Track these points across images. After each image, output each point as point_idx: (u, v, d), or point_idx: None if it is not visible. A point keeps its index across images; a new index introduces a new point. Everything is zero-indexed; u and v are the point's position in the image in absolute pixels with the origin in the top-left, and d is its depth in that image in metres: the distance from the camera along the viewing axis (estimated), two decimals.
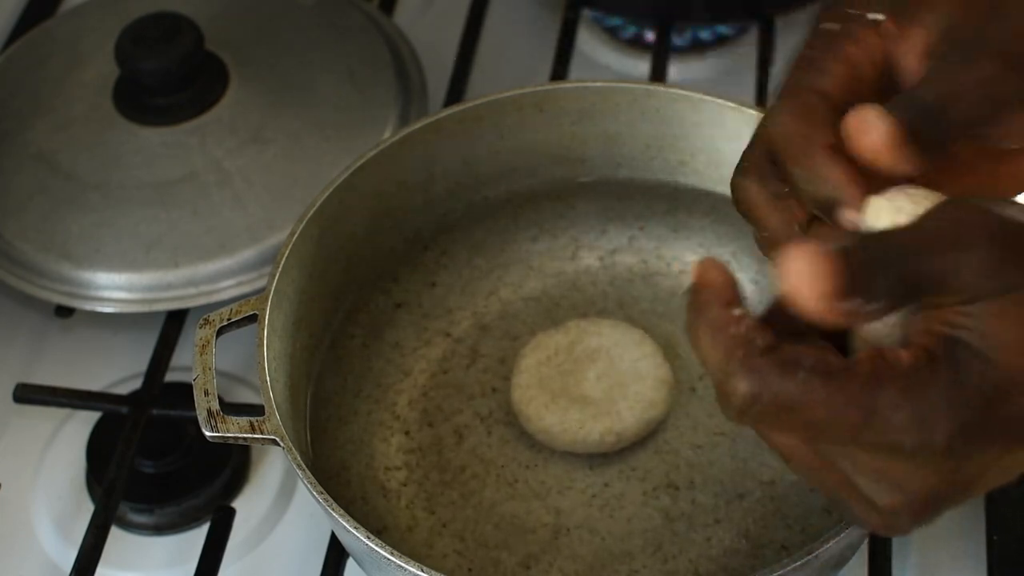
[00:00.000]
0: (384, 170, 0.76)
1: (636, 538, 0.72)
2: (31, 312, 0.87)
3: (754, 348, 0.48)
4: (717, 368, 0.49)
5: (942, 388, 0.48)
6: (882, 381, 0.48)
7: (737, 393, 0.48)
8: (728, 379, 0.48)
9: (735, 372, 0.48)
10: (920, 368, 0.48)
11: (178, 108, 0.86)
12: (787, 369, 0.48)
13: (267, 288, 0.69)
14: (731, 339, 0.49)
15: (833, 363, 0.48)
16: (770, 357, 0.48)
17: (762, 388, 0.48)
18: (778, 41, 0.96)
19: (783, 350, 0.48)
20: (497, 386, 0.78)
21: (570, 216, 0.82)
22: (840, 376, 0.48)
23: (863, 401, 0.48)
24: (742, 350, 0.48)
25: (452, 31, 0.96)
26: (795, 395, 0.48)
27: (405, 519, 0.73)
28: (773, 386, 0.48)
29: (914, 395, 0.48)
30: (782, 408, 0.48)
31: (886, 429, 0.48)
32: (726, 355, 0.48)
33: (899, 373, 0.48)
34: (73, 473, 0.81)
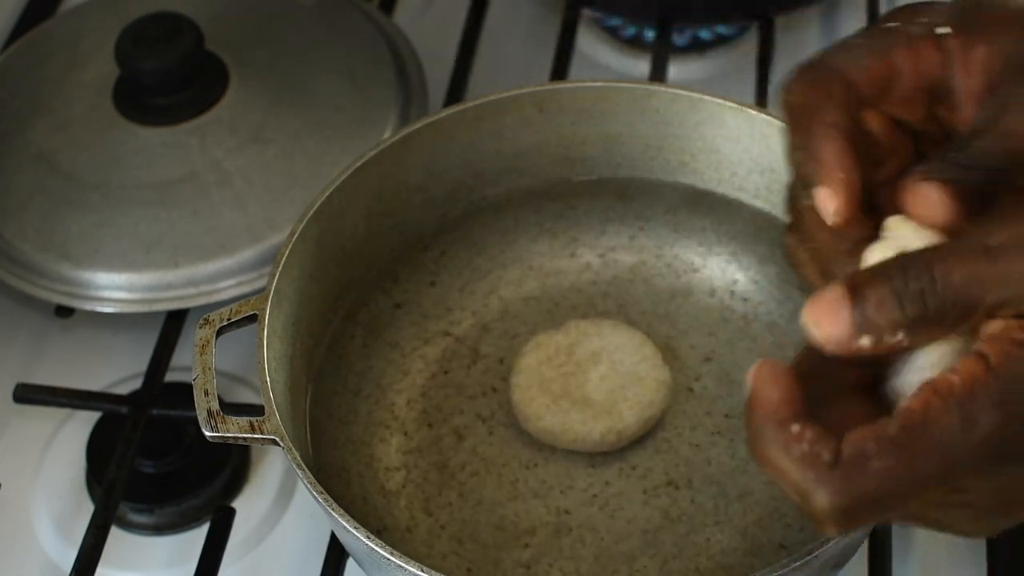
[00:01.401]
0: (384, 170, 0.76)
1: (636, 538, 0.72)
2: (31, 312, 0.87)
3: (821, 464, 0.48)
4: (795, 492, 0.49)
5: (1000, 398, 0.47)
6: (940, 419, 0.47)
7: (824, 510, 0.48)
8: (810, 500, 0.48)
9: (814, 492, 0.48)
10: (975, 385, 0.47)
11: (178, 108, 0.86)
12: (859, 468, 0.48)
13: (267, 288, 0.69)
14: (797, 461, 0.48)
15: (891, 432, 0.48)
16: (839, 468, 0.48)
17: (844, 498, 0.48)
18: (778, 41, 0.96)
19: (846, 452, 0.48)
20: (497, 386, 0.78)
21: (570, 216, 0.82)
22: (903, 441, 0.48)
23: (935, 449, 0.47)
24: (811, 470, 0.48)
25: (452, 31, 0.96)
26: (875, 486, 0.48)
27: (405, 519, 0.73)
28: (854, 491, 0.48)
29: (975, 415, 0.47)
30: (871, 503, 0.48)
31: (966, 458, 0.47)
32: (800, 479, 0.48)
33: (952, 402, 0.47)
34: (73, 473, 0.81)
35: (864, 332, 0.48)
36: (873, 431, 0.48)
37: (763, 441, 0.49)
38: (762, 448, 0.49)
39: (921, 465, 0.47)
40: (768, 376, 0.50)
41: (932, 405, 0.47)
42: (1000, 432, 0.47)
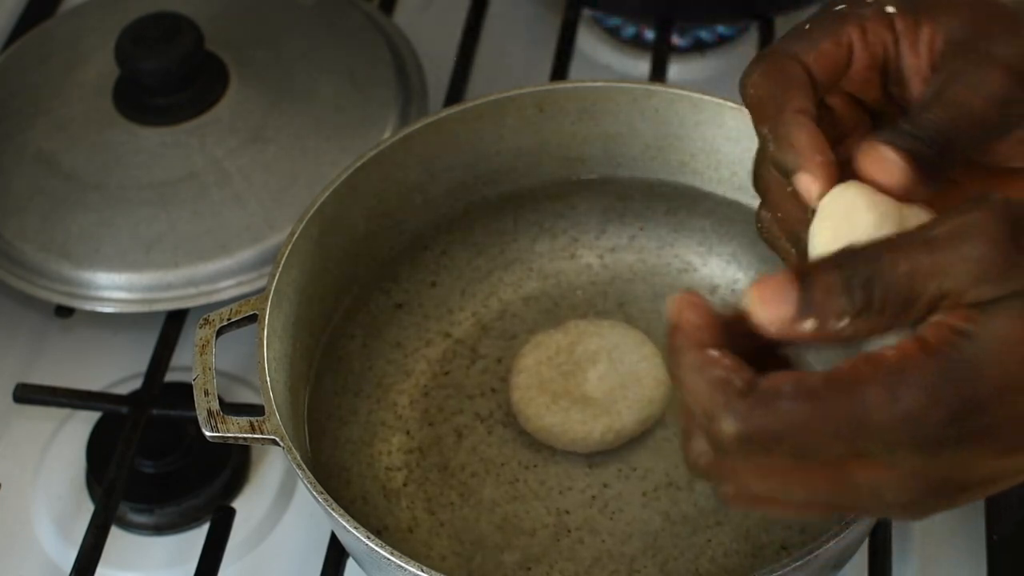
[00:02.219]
0: (384, 170, 0.76)
1: (636, 539, 0.72)
2: (31, 312, 0.87)
3: (733, 390, 0.48)
4: (701, 412, 0.49)
5: (929, 381, 0.47)
6: (866, 384, 0.47)
7: (725, 435, 0.48)
8: (713, 423, 0.48)
9: (719, 415, 0.48)
10: (906, 361, 0.47)
11: (178, 108, 0.86)
12: (769, 402, 0.48)
13: (267, 288, 0.69)
14: (710, 384, 0.49)
15: (812, 382, 0.48)
16: (750, 397, 0.48)
17: (747, 426, 0.48)
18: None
19: (761, 385, 0.48)
20: (496, 386, 0.78)
21: (570, 216, 0.82)
22: (821, 393, 0.48)
23: (850, 410, 0.47)
24: (721, 394, 0.48)
25: (452, 31, 0.96)
26: (781, 424, 0.48)
27: (405, 519, 0.73)
28: (758, 422, 0.48)
29: (899, 392, 0.47)
30: (771, 440, 0.48)
31: (877, 430, 0.48)
32: (708, 400, 0.49)
33: (883, 372, 0.47)
34: (73, 473, 0.81)
35: (809, 316, 0.48)
36: (794, 376, 0.48)
37: (680, 362, 0.50)
38: (678, 368, 0.50)
39: (832, 420, 0.47)
40: (690, 303, 0.50)
41: (860, 370, 0.48)
42: (921, 414, 0.47)
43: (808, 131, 0.54)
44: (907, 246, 0.48)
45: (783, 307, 0.48)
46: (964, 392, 0.47)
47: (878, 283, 0.48)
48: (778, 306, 0.48)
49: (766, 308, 0.49)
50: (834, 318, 0.48)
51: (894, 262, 0.48)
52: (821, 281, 0.48)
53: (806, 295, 0.48)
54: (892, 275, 0.48)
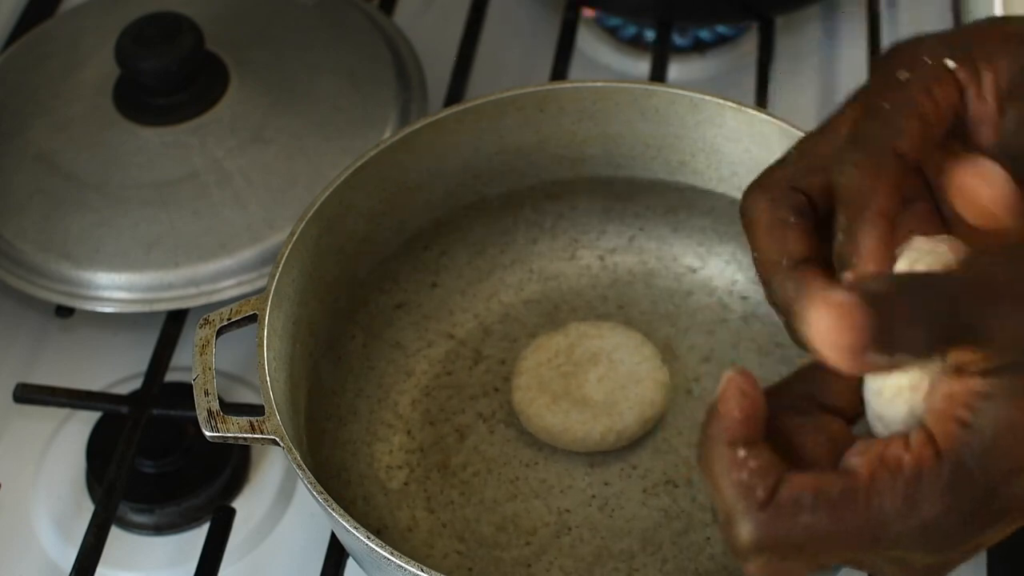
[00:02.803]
0: (384, 170, 0.76)
1: (636, 537, 0.72)
2: (31, 312, 0.87)
3: (753, 499, 0.49)
4: (723, 512, 0.50)
5: (945, 488, 0.48)
6: (884, 495, 0.48)
7: (741, 541, 0.49)
8: (732, 526, 0.49)
9: (738, 521, 0.49)
10: (923, 470, 0.48)
11: (178, 108, 0.86)
12: (787, 516, 0.48)
13: (267, 288, 0.69)
14: (733, 486, 0.49)
15: (833, 491, 0.48)
16: (769, 509, 0.48)
17: (763, 538, 0.49)
18: (778, 41, 0.96)
19: (782, 495, 0.49)
20: (498, 386, 0.78)
21: (570, 216, 0.82)
22: (839, 505, 0.48)
23: (868, 522, 0.48)
24: (743, 501, 0.49)
25: (452, 31, 0.96)
26: (798, 537, 0.48)
27: (405, 519, 0.73)
28: (774, 534, 0.48)
29: (918, 501, 0.48)
30: (786, 550, 0.49)
31: (895, 539, 0.48)
32: (730, 502, 0.49)
33: (900, 482, 0.48)
34: (73, 473, 0.81)
35: (874, 349, 0.47)
36: (815, 483, 0.49)
37: (709, 453, 0.50)
38: (707, 460, 0.50)
39: (851, 531, 0.48)
40: (737, 389, 0.50)
41: (878, 478, 0.48)
42: (940, 519, 0.48)
43: (879, 239, 0.52)
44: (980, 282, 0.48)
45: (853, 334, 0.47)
46: (977, 491, 0.48)
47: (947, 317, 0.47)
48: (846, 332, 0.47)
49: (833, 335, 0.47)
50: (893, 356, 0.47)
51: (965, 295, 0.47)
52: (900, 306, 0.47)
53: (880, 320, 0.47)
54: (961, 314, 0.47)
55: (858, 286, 0.47)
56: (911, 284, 0.48)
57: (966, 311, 0.47)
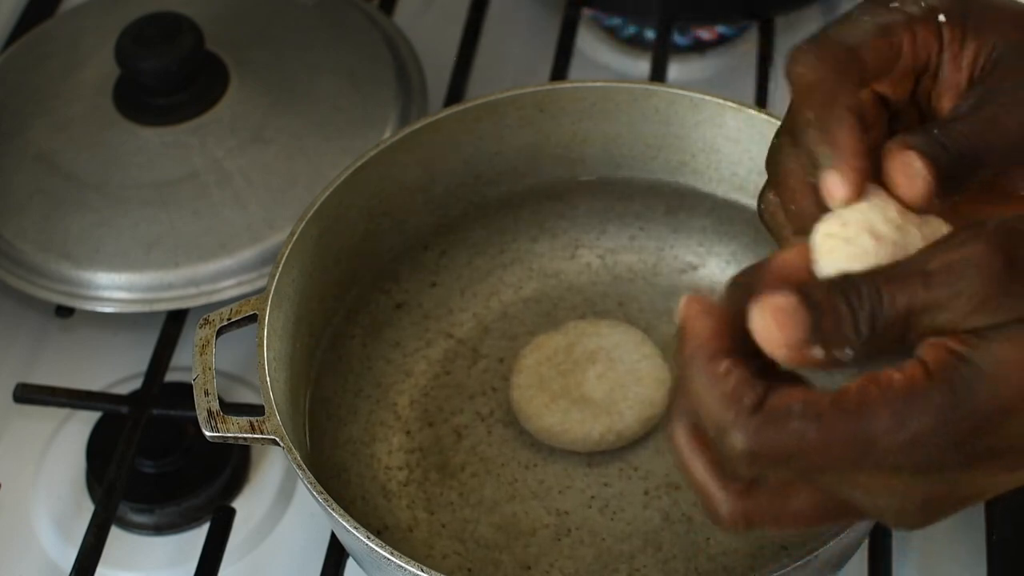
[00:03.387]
0: (384, 170, 0.76)
1: (636, 538, 0.72)
2: (31, 312, 0.87)
3: (743, 408, 0.48)
4: (711, 424, 0.49)
5: (935, 407, 0.48)
6: (873, 409, 0.48)
7: (734, 450, 0.49)
8: (724, 437, 0.49)
9: (729, 430, 0.49)
10: (914, 388, 0.48)
11: (178, 108, 0.86)
12: (778, 422, 0.48)
13: (267, 288, 0.69)
14: (720, 398, 0.49)
15: (822, 402, 0.48)
16: (760, 415, 0.48)
17: (757, 444, 0.48)
18: (778, 41, 0.96)
19: (771, 403, 0.49)
20: (497, 386, 0.78)
21: (570, 216, 0.82)
22: (831, 414, 0.48)
23: (857, 434, 0.48)
24: (732, 411, 0.49)
25: (452, 31, 0.96)
26: (790, 444, 0.48)
27: (405, 519, 0.73)
28: (768, 440, 0.48)
29: (907, 417, 0.48)
30: (780, 459, 0.49)
31: (883, 455, 0.48)
32: (719, 414, 0.49)
33: (890, 397, 0.48)
34: (73, 473, 0.81)
35: (817, 343, 0.48)
36: (803, 394, 0.48)
37: (690, 372, 0.50)
38: (688, 378, 0.50)
39: (840, 442, 0.48)
40: (699, 309, 0.50)
41: (868, 393, 0.48)
42: (926, 440, 0.48)
43: (853, 132, 0.53)
44: (905, 279, 0.49)
45: (795, 331, 0.48)
46: (967, 417, 0.48)
47: (879, 315, 0.48)
48: (790, 329, 0.48)
49: (778, 330, 0.48)
50: (838, 347, 0.48)
51: (892, 297, 0.48)
52: (830, 310, 0.48)
53: (816, 321, 0.48)
54: (892, 311, 0.48)
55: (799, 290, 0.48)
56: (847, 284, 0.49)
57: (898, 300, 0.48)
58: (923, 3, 0.56)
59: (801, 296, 0.49)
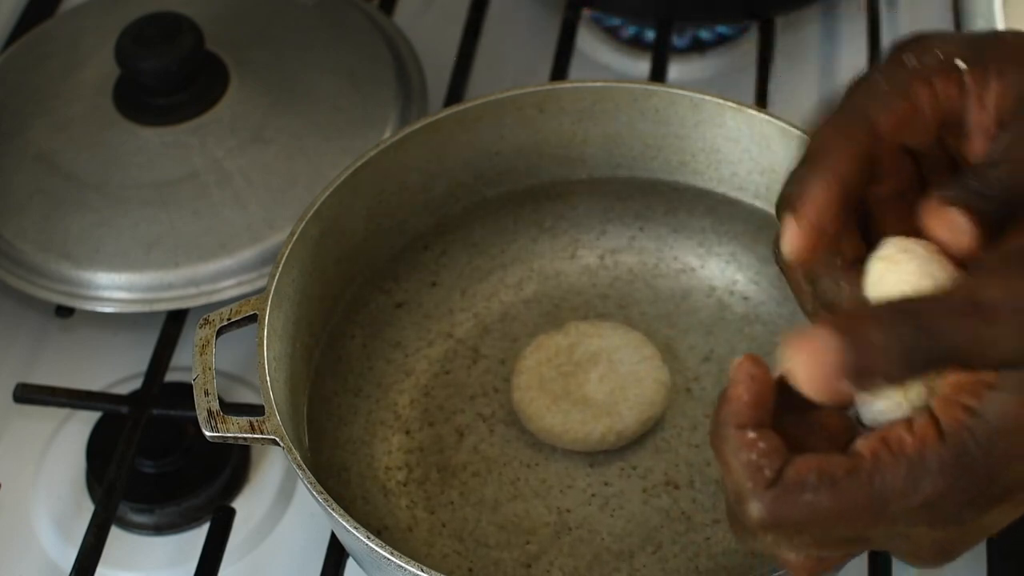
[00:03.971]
0: (384, 170, 0.76)
1: (636, 537, 0.72)
2: (31, 312, 0.87)
3: (761, 478, 0.50)
4: (732, 490, 0.51)
5: (949, 469, 0.49)
6: (886, 473, 0.49)
7: (750, 517, 0.51)
8: (741, 504, 0.51)
9: (747, 500, 0.51)
10: (925, 451, 0.49)
11: (178, 108, 0.86)
12: (792, 496, 0.50)
13: (267, 288, 0.69)
14: (743, 467, 0.51)
15: (837, 471, 0.50)
16: (776, 488, 0.50)
17: (771, 516, 0.50)
18: (778, 41, 0.96)
19: (787, 476, 0.50)
20: (498, 386, 0.78)
21: (570, 216, 0.82)
22: (843, 484, 0.50)
23: (871, 501, 0.49)
24: (751, 481, 0.50)
25: (452, 31, 0.96)
26: (804, 516, 0.50)
27: (405, 519, 0.73)
28: (781, 513, 0.50)
29: (920, 481, 0.49)
30: (793, 530, 0.50)
31: (897, 516, 0.50)
32: (740, 482, 0.51)
33: (903, 460, 0.49)
34: (73, 473, 0.81)
35: (849, 377, 0.48)
36: (819, 464, 0.50)
37: (720, 435, 0.52)
38: (718, 441, 0.52)
39: (854, 510, 0.50)
40: (747, 374, 0.52)
41: (881, 458, 0.49)
42: (941, 498, 0.49)
43: (829, 197, 0.54)
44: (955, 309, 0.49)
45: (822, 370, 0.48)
46: (979, 474, 0.49)
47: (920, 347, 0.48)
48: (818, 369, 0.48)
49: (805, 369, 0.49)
50: (874, 379, 0.49)
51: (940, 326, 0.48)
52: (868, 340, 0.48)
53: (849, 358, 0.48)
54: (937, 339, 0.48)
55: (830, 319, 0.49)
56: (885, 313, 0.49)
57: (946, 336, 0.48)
58: (940, 54, 0.56)
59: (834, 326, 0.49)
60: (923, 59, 0.56)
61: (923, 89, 0.55)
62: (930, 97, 0.55)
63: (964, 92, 0.55)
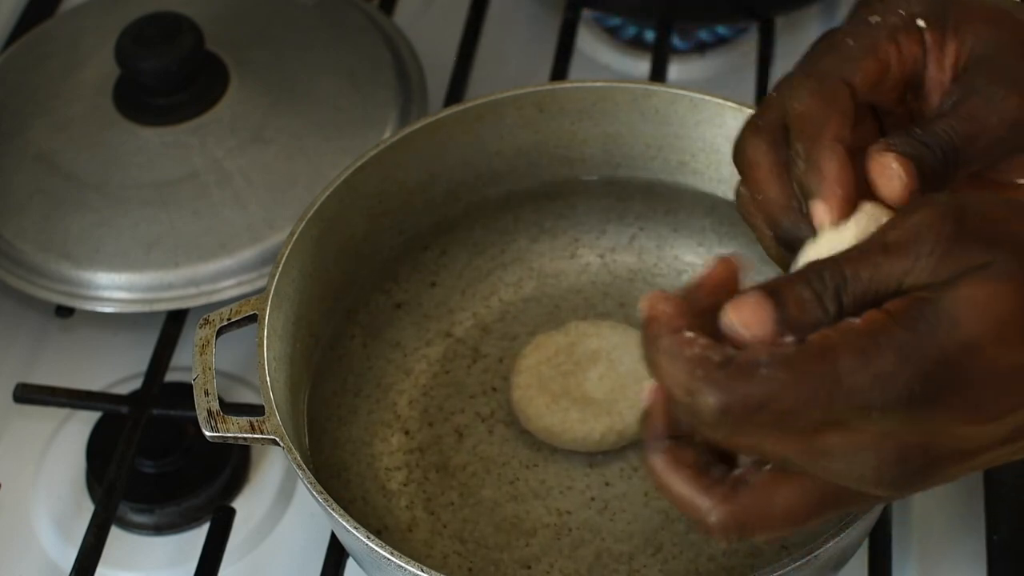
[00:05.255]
0: (384, 170, 0.76)
1: (636, 538, 0.72)
2: (31, 312, 0.87)
3: (711, 363, 0.49)
4: (682, 391, 0.50)
5: (897, 342, 0.49)
6: (837, 349, 0.49)
7: (707, 408, 0.49)
8: (695, 398, 0.50)
9: (699, 390, 0.49)
10: (874, 328, 0.49)
11: (178, 108, 0.86)
12: (747, 372, 0.49)
13: (267, 288, 0.69)
14: (688, 361, 0.50)
15: (787, 351, 0.49)
16: (729, 368, 0.49)
17: (728, 397, 0.49)
18: (778, 41, 0.96)
19: (738, 358, 0.50)
20: (497, 386, 0.78)
21: (570, 216, 0.82)
22: (796, 360, 0.49)
23: (824, 374, 0.49)
24: (700, 368, 0.50)
25: (452, 31, 0.96)
26: (760, 392, 0.49)
27: (405, 519, 0.73)
28: (738, 391, 0.49)
29: (870, 353, 0.49)
30: (752, 409, 0.49)
31: (851, 393, 0.49)
32: (687, 377, 0.50)
33: (853, 337, 0.49)
34: (73, 473, 0.81)
35: (787, 331, 0.50)
36: (769, 348, 0.50)
37: (656, 347, 0.51)
38: (655, 354, 0.51)
39: (810, 384, 0.49)
40: (661, 296, 0.52)
41: (831, 338, 0.49)
42: (892, 374, 0.48)
43: (840, 163, 0.55)
44: (867, 254, 0.50)
45: (763, 326, 0.50)
46: (931, 350, 0.49)
47: (845, 292, 0.50)
48: (758, 325, 0.50)
49: (747, 328, 0.50)
50: (811, 329, 0.50)
51: (856, 270, 0.50)
52: (793, 297, 0.50)
53: (782, 312, 0.50)
54: (857, 283, 0.50)
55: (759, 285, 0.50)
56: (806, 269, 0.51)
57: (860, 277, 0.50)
58: (902, 12, 0.57)
59: (764, 290, 0.50)
60: (887, 18, 0.57)
61: (890, 47, 0.57)
62: (896, 55, 0.57)
63: (924, 50, 0.57)
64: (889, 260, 0.50)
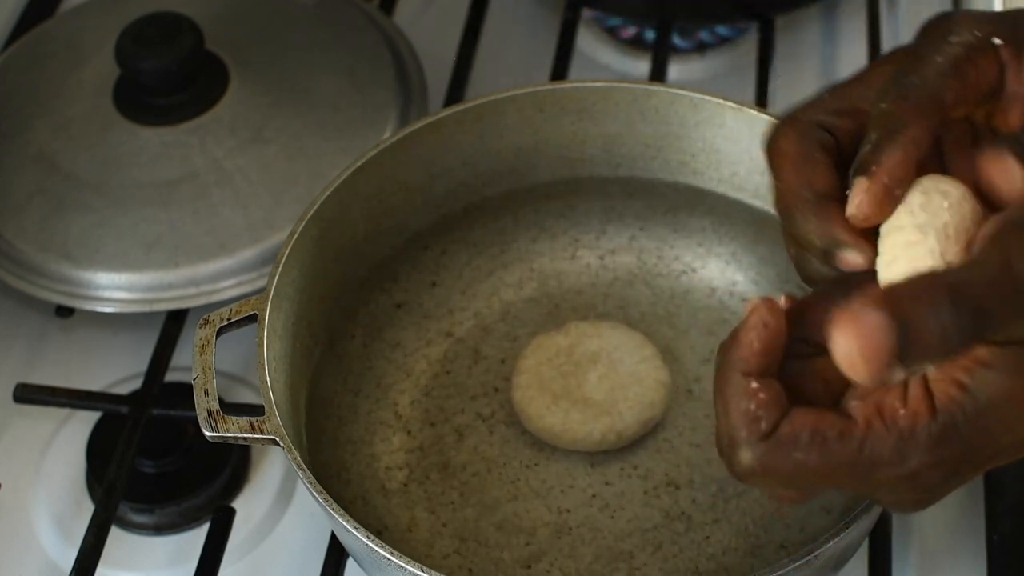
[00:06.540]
0: (384, 170, 0.76)
1: (636, 537, 0.72)
2: (31, 312, 0.87)
3: (758, 430, 0.52)
4: (725, 434, 0.53)
5: (935, 444, 0.51)
6: (876, 443, 0.51)
7: (739, 464, 0.53)
8: (733, 449, 0.53)
9: (739, 447, 0.52)
10: (916, 426, 0.51)
11: (178, 108, 0.86)
12: (783, 451, 0.52)
13: (267, 288, 0.69)
14: (742, 415, 0.52)
15: (829, 432, 0.52)
16: (769, 441, 0.52)
17: (759, 466, 0.52)
18: (778, 41, 0.96)
19: (782, 431, 0.52)
20: (498, 386, 0.78)
21: (570, 216, 0.82)
22: (834, 448, 0.51)
23: (858, 467, 0.51)
24: (746, 429, 0.52)
25: (452, 31, 0.96)
26: (791, 469, 0.52)
27: (405, 519, 0.73)
28: (770, 464, 0.52)
29: (907, 454, 0.51)
30: (779, 479, 0.52)
31: (881, 483, 0.52)
32: (735, 428, 0.52)
33: (894, 432, 0.51)
34: (73, 473, 0.81)
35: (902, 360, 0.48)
36: (814, 423, 0.52)
37: (725, 378, 0.53)
38: (722, 382, 0.53)
39: (841, 472, 0.52)
40: (760, 321, 0.53)
41: (873, 426, 0.51)
42: (926, 470, 0.51)
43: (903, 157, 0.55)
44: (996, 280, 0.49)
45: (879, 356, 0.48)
46: (963, 450, 0.51)
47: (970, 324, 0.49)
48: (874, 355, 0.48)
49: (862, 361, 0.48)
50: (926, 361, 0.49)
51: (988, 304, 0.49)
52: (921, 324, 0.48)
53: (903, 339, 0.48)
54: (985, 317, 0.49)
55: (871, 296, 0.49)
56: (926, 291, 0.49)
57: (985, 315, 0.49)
58: (976, 32, 0.58)
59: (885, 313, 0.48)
60: (964, 38, 0.57)
61: (970, 66, 0.57)
62: (975, 74, 0.57)
63: (1001, 66, 0.57)
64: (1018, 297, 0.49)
